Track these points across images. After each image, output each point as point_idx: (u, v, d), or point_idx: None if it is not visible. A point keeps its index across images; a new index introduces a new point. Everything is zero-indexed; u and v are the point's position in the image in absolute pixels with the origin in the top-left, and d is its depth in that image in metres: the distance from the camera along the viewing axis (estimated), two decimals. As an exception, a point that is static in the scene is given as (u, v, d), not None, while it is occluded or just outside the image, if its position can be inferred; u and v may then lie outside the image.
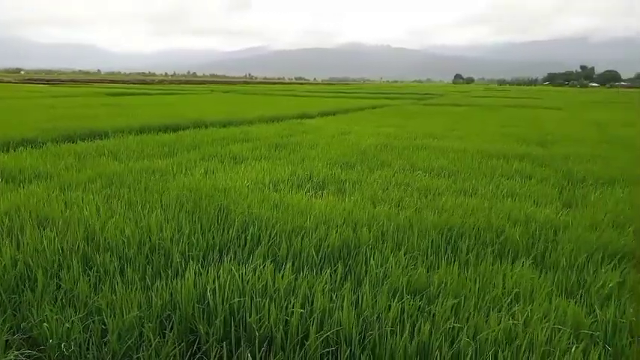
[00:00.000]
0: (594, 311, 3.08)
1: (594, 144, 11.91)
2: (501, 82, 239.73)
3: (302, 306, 2.89)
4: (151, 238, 3.99)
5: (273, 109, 20.98)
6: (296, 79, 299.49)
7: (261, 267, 3.38)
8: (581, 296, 3.38)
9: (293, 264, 3.57)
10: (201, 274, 3.26)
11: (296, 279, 3.29)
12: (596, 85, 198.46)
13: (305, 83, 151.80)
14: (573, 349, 2.50)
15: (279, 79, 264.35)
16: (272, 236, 4.08)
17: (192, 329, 2.89)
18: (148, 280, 3.35)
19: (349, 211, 4.92)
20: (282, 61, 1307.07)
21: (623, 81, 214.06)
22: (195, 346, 2.78)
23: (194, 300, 2.98)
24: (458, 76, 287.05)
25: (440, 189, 6.37)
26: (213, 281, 3.10)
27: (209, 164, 7.63)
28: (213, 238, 4.04)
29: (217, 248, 3.88)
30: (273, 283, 3.18)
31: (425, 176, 7.20)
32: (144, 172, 6.72)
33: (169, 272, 3.47)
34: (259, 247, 3.85)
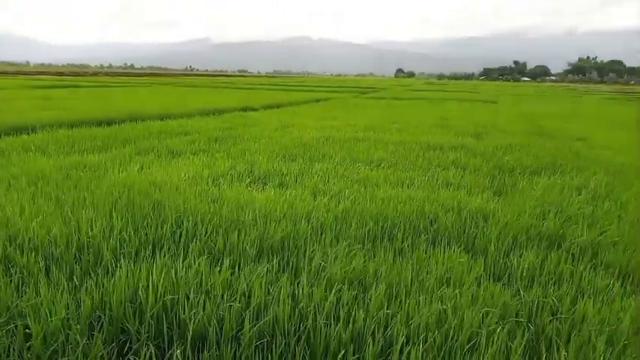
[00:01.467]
0: (519, 293, 3.26)
1: (524, 135, 12.55)
2: (440, 77, 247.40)
3: (238, 300, 2.87)
4: (79, 236, 3.81)
5: (214, 101, 20.57)
6: (239, 71, 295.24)
7: (197, 262, 3.31)
8: (507, 279, 3.56)
9: (230, 258, 3.53)
10: (133, 272, 3.16)
11: (233, 273, 3.25)
12: (528, 79, 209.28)
13: (248, 76, 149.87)
14: (499, 330, 2.63)
15: (221, 72, 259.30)
16: (209, 231, 4.01)
17: (123, 329, 2.79)
18: (76, 280, 3.21)
19: (290, 203, 4.92)
20: (225, 53, 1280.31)
21: (553, 75, 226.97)
22: (127, 346, 2.69)
23: (125, 299, 2.88)
24: (399, 71, 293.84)
25: (378, 180, 6.50)
26: (146, 278, 3.01)
27: (145, 159, 7.38)
28: (147, 234, 3.92)
29: (151, 245, 3.77)
30: (210, 278, 3.13)
31: (364, 168, 7.31)
32: (74, 168, 6.40)
33: (99, 271, 3.33)
34: (195, 243, 3.78)
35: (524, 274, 3.57)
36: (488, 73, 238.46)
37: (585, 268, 3.68)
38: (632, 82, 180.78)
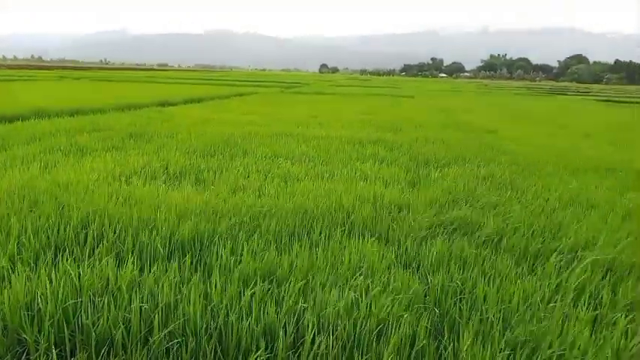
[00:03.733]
0: (427, 278, 3.42)
1: (439, 128, 13.18)
2: (363, 72, 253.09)
3: (147, 301, 2.77)
4: (-30, 243, 3.50)
5: (130, 96, 19.64)
6: (158, 65, 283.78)
7: (102, 264, 3.15)
8: (418, 266, 3.73)
9: (140, 259, 3.40)
10: (31, 279, 2.95)
11: (141, 274, 3.14)
12: (445, 75, 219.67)
13: (168, 70, 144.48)
14: (406, 315, 2.75)
15: (139, 65, 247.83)
16: (117, 232, 3.83)
17: (20, 340, 2.60)
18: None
19: (206, 200, 4.81)
20: (143, 46, 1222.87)
21: (467, 72, 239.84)
22: (25, 357, 2.52)
23: (21, 307, 2.68)
24: (324, 66, 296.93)
25: (299, 175, 6.53)
26: (46, 284, 2.82)
27: (51, 157, 6.89)
28: (48, 237, 3.67)
29: (53, 249, 3.54)
30: (116, 280, 3.00)
31: (286, 163, 7.32)
32: (-34, 169, 5.85)
33: (-7, 280, 3.08)
34: (102, 244, 3.59)
35: (433, 260, 3.75)
36: (408, 69, 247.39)
37: (489, 253, 3.94)
38: (538, 79, 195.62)
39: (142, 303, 2.75)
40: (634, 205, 5.73)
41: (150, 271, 3.14)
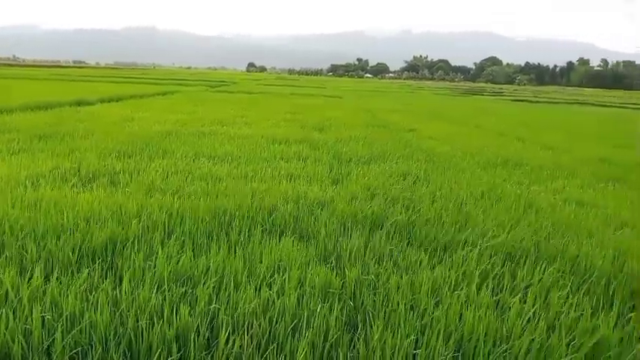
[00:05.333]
0: (344, 272, 3.51)
1: (363, 128, 13.50)
2: (291, 72, 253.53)
3: (50, 310, 2.63)
4: None
5: (42, 95, 18.36)
6: (75, 62, 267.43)
7: (1, 275, 2.95)
8: (335, 261, 3.81)
9: (45, 267, 3.21)
10: None
11: (46, 283, 2.97)
12: (370, 76, 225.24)
13: (85, 67, 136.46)
14: (318, 309, 2.81)
15: (53, 62, 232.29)
16: (20, 239, 3.59)
17: None
18: None
19: (120, 203, 4.62)
20: (58, 42, 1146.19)
21: (391, 72, 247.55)
22: None
23: None
24: (251, 65, 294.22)
25: (221, 175, 6.44)
26: None
27: (-55, 161, 6.31)
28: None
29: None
30: (17, 291, 2.82)
31: (208, 163, 7.19)
32: None
33: None
34: (3, 253, 3.35)
35: (351, 254, 3.85)
36: (335, 69, 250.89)
37: (402, 245, 4.11)
38: (457, 80, 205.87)
39: (45, 313, 2.61)
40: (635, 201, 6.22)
41: (56, 280, 2.97)
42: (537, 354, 2.61)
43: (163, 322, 2.57)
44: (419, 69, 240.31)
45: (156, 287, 2.99)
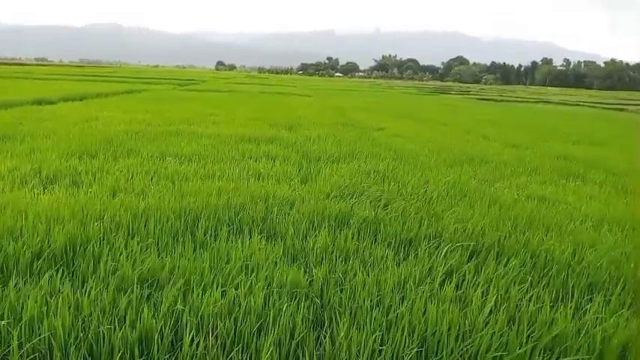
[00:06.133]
0: (312, 271, 3.52)
1: (332, 126, 13.54)
2: (261, 70, 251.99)
3: (7, 317, 2.55)
4: None
5: (1, 93, 17.72)
6: (36, 60, 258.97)
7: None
8: (304, 259, 3.81)
9: (2, 272, 3.11)
10: None
11: (4, 289, 2.87)
12: (340, 74, 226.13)
13: (48, 65, 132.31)
14: (284, 308, 2.81)
15: (13, 59, 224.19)
16: (-26, 243, 3.46)
17: None
18: None
19: (82, 204, 4.50)
20: (18, 38, 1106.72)
21: (361, 71, 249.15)
22: None
23: None
24: (220, 63, 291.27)
25: (188, 174, 6.36)
26: None
27: None
28: None
29: None
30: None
31: (174, 162, 7.09)
32: None
33: None
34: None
35: (318, 253, 3.86)
36: (305, 68, 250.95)
37: (368, 243, 4.15)
38: (425, 78, 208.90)
39: (2, 320, 2.52)
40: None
41: (13, 286, 2.88)
42: (498, 347, 2.68)
43: (126, 324, 2.52)
44: (388, 68, 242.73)
45: (119, 290, 2.93)
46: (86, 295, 2.79)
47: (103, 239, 3.72)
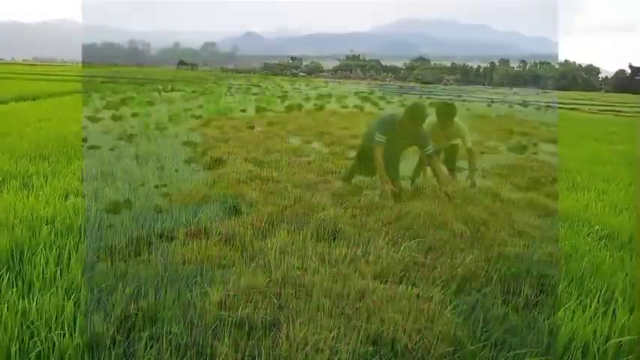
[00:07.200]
0: (270, 271, 3.49)
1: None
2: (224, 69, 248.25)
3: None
4: None
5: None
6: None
7: None
8: (263, 260, 3.78)
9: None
10: None
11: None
12: (304, 74, 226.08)
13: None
14: (240, 309, 2.79)
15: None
16: None
17: None
18: None
19: (31, 208, 4.33)
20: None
21: (324, 72, 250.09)
22: None
23: None
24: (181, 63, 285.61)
25: (146, 175, 6.23)
26: None
27: None
28: None
29: None
30: None
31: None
32: None
33: None
34: None
35: (277, 253, 3.84)
36: (268, 68, 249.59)
37: (328, 241, 4.17)
38: (388, 80, 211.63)
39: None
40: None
41: None
42: (451, 341, 2.74)
43: (76, 330, 2.44)
44: (352, 69, 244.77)
45: (68, 294, 2.84)
46: (34, 301, 2.69)
47: (53, 243, 3.59)
